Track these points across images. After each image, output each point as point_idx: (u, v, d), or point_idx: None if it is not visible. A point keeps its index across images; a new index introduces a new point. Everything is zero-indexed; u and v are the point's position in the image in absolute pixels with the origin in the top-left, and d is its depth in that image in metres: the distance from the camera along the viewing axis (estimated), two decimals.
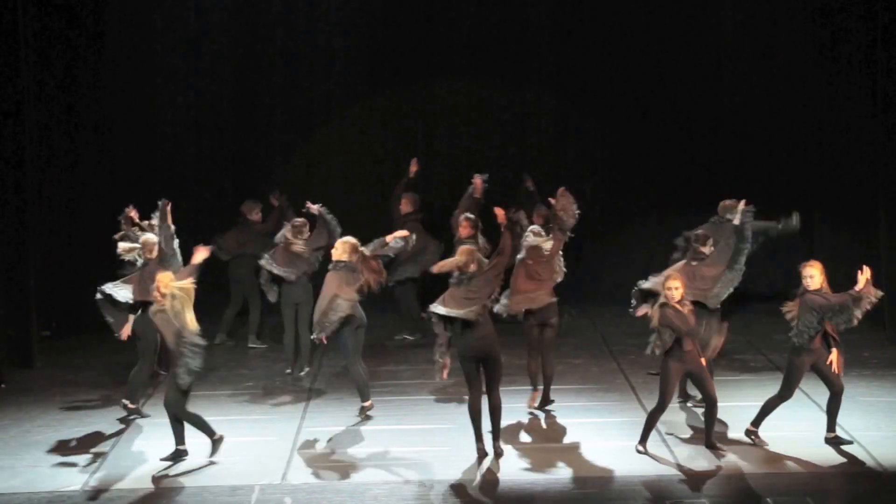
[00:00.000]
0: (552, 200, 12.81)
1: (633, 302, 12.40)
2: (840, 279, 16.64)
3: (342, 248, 12.63)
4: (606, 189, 18.02)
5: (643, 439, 11.39)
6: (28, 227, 15.18)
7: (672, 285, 11.13)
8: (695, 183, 17.45)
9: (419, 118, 18.04)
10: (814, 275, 11.38)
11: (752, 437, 11.57)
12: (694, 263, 12.62)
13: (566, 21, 17.83)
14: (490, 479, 10.90)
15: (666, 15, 17.63)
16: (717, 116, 17.67)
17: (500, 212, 12.28)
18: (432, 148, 18.02)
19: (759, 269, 16.08)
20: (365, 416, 12.59)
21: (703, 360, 11.27)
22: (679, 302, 11.10)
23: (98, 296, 12.84)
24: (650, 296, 11.96)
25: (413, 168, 16.39)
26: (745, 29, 17.54)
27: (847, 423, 12.06)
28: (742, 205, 12.72)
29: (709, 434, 11.44)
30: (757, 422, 11.58)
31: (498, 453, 11.33)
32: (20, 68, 14.96)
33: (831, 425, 11.50)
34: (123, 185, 17.18)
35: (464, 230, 14.34)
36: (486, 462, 11.23)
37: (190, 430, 11.39)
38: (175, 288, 11.02)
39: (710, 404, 11.33)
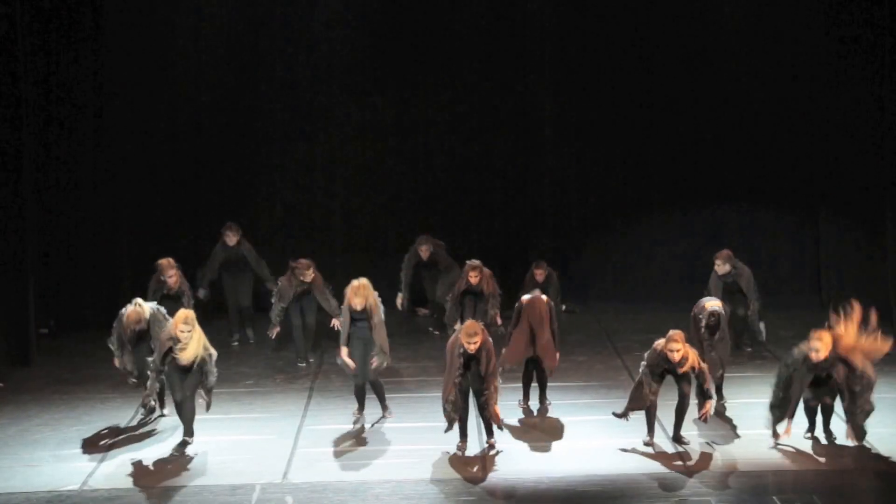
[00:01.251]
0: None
1: None
2: (845, 273, 16.70)
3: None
4: (610, 185, 17.92)
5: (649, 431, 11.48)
6: (27, 224, 15.10)
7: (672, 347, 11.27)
8: (699, 179, 17.37)
9: (419, 119, 17.90)
10: (819, 348, 11.14)
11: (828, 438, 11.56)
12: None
13: (569, 18, 17.71)
14: (494, 476, 10.81)
15: (670, 9, 17.52)
16: (722, 112, 17.55)
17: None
18: (433, 149, 17.93)
19: (764, 265, 16.10)
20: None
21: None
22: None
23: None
24: None
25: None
26: (751, 23, 17.42)
27: None
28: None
29: (677, 428, 11.47)
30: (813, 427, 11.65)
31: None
32: (18, 65, 14.88)
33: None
34: (123, 183, 17.14)
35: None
36: (489, 458, 11.18)
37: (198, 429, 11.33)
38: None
39: (682, 399, 11.38)
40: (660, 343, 11.35)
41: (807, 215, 17.35)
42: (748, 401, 12.39)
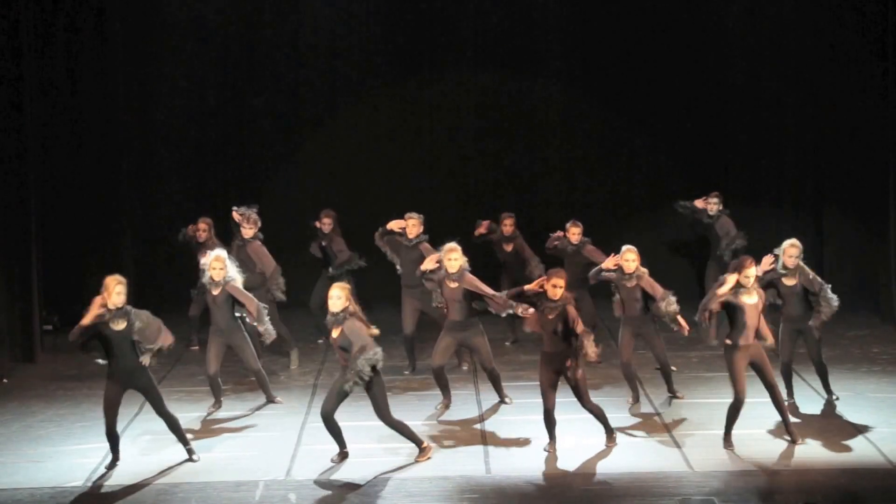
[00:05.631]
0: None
1: None
2: (849, 271, 16.67)
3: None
4: (614, 180, 17.94)
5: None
6: (31, 220, 15.12)
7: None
8: (703, 174, 17.36)
9: (424, 111, 17.92)
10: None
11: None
12: None
13: (574, 12, 17.73)
14: (499, 475, 10.82)
15: (674, 5, 17.53)
16: (725, 107, 17.59)
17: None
18: (437, 142, 17.94)
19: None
20: None
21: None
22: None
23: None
24: None
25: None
26: (753, 17, 17.45)
27: (857, 419, 12.06)
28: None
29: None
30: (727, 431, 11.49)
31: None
32: (22, 62, 14.89)
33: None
34: (127, 178, 17.16)
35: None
36: (493, 457, 11.19)
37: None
38: None
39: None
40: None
41: (811, 213, 17.35)
42: (751, 400, 12.36)
